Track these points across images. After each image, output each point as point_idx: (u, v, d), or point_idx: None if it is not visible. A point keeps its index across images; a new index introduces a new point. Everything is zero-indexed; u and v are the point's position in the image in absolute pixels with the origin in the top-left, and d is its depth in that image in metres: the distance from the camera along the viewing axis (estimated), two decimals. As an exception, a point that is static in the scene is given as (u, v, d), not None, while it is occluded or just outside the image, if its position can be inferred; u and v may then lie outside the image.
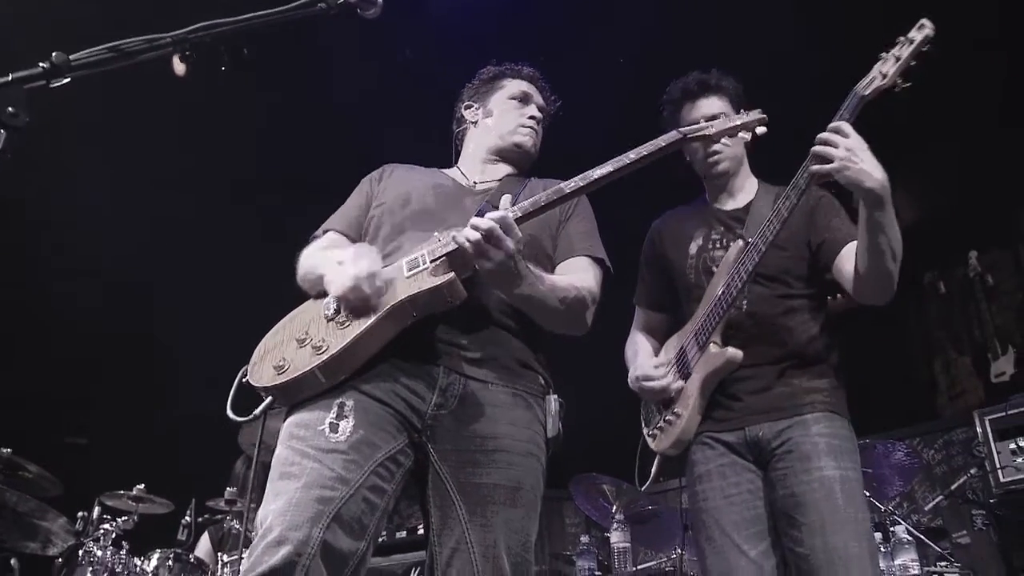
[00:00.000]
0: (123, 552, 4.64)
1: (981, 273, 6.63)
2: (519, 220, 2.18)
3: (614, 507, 5.34)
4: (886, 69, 2.50)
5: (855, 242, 2.57)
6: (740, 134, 2.43)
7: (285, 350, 2.19)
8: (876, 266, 2.47)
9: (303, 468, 2.01)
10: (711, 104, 2.90)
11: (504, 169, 2.67)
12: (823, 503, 2.47)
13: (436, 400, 2.18)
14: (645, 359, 2.97)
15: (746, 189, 2.95)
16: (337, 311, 2.17)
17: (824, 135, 2.41)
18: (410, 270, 2.19)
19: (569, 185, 2.29)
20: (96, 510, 4.80)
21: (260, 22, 2.07)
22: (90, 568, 4.47)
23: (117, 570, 4.53)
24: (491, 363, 2.27)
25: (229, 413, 2.24)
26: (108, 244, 6.24)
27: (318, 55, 5.52)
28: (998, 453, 4.51)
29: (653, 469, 2.94)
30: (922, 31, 2.49)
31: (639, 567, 5.33)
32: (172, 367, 6.68)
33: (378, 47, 5.59)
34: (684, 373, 2.79)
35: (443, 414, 2.19)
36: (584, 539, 5.38)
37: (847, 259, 2.62)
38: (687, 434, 2.75)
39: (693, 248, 2.90)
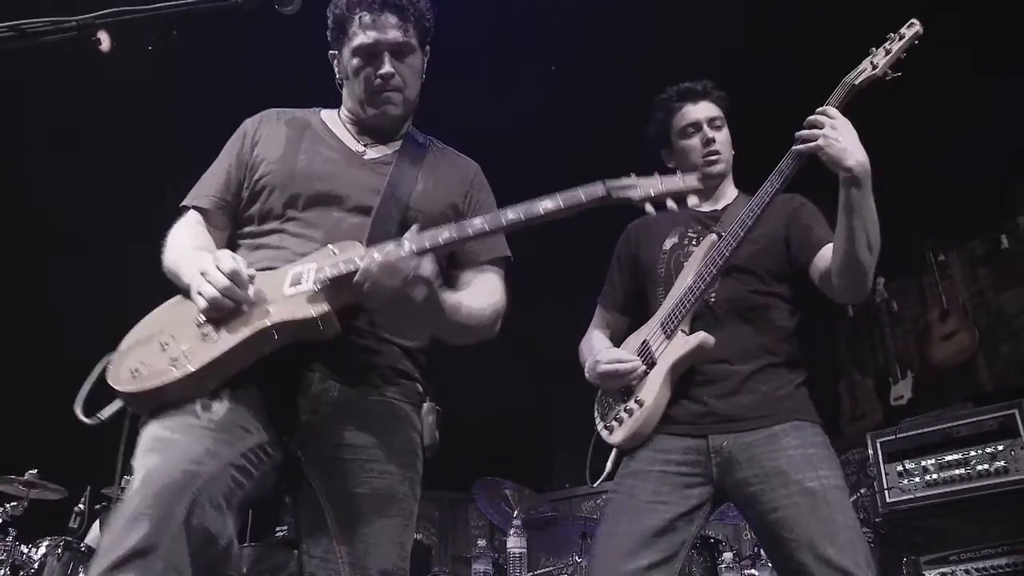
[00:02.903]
0: (9, 539, 4.52)
1: (887, 299, 6.83)
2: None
3: (515, 512, 5.38)
4: (877, 60, 2.56)
5: (832, 244, 2.60)
6: (668, 202, 2.06)
7: (147, 352, 2.01)
8: (850, 253, 2.47)
9: (169, 442, 1.86)
10: (712, 107, 2.92)
11: (387, 135, 2.42)
12: (809, 516, 2.41)
13: (308, 407, 2.07)
14: (605, 347, 2.92)
15: (727, 195, 2.97)
16: (204, 321, 2.02)
17: (811, 117, 2.48)
18: (291, 285, 2.04)
19: (475, 227, 2.04)
20: (-17, 494, 4.68)
21: (171, 12, 2.05)
22: (-28, 555, 4.36)
23: (1, 558, 4.41)
24: (367, 371, 2.17)
25: (76, 409, 2.04)
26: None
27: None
28: (886, 474, 4.66)
29: (609, 464, 2.81)
30: (912, 28, 2.57)
31: (535, 573, 5.38)
32: (76, 351, 6.52)
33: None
34: (648, 363, 2.72)
35: (316, 421, 2.08)
36: (481, 543, 5.41)
37: (823, 258, 2.64)
38: (648, 425, 2.66)
39: (668, 244, 2.90)
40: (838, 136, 2.41)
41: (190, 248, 2.20)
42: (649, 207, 2.07)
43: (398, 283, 1.95)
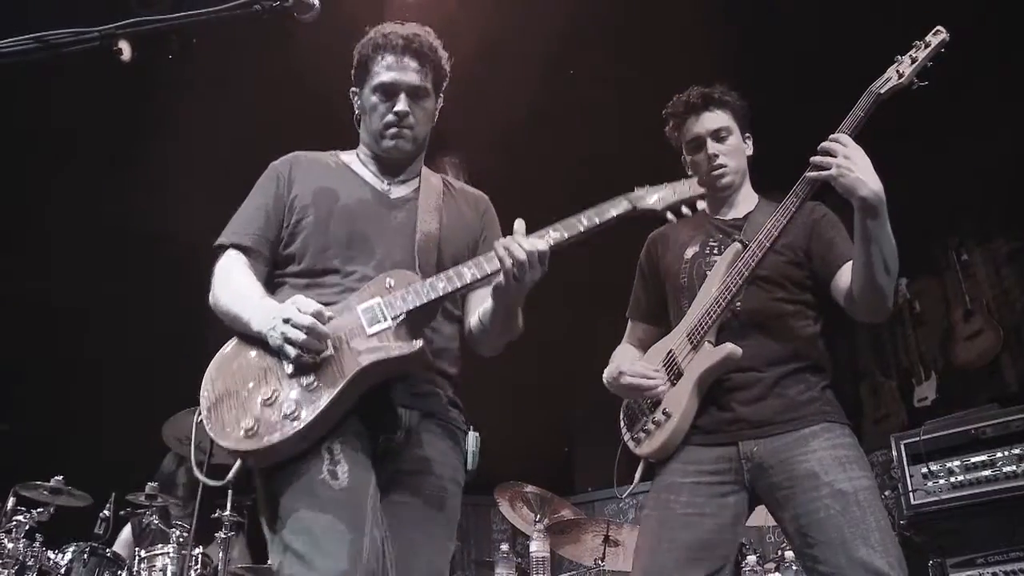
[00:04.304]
0: (36, 544, 4.56)
1: (909, 300, 6.78)
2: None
3: (537, 516, 5.38)
4: (903, 69, 2.54)
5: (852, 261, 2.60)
6: (683, 209, 2.39)
7: (249, 407, 2.12)
8: (869, 278, 2.48)
9: (322, 532, 2.01)
10: (716, 118, 2.90)
11: (404, 173, 2.59)
12: (840, 517, 2.42)
13: (387, 434, 2.25)
14: (632, 357, 2.94)
15: (746, 201, 2.96)
16: (298, 370, 2.14)
17: (825, 144, 2.46)
18: (371, 325, 2.18)
19: (572, 230, 2.29)
20: (10, 501, 4.71)
21: (192, 21, 2.07)
22: (-1, 561, 4.39)
23: (29, 563, 4.45)
24: (430, 398, 2.36)
25: (200, 476, 2.22)
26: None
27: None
28: (911, 476, 4.61)
29: (637, 475, 2.83)
30: (938, 36, 2.55)
31: (557, 577, 5.39)
32: (98, 360, 6.59)
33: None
34: (674, 374, 2.73)
35: (391, 446, 2.26)
36: (504, 547, 5.42)
37: (844, 276, 2.64)
38: (677, 437, 2.68)
39: (689, 253, 2.90)
40: (851, 166, 2.40)
41: (252, 295, 2.31)
42: (671, 215, 2.38)
43: (538, 273, 2.19)
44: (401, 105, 2.47)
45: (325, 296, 2.28)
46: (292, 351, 2.11)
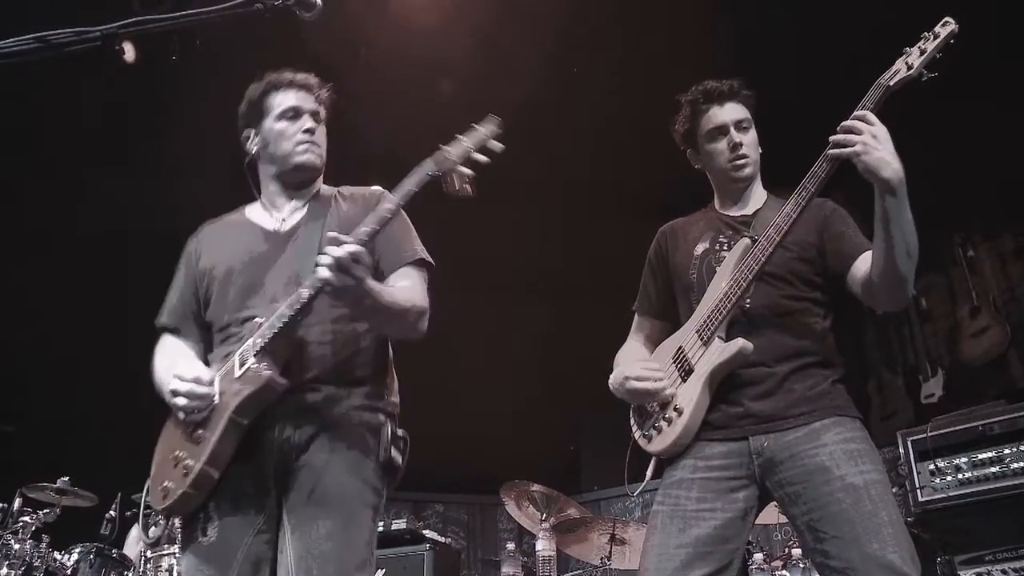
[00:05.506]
0: (43, 545, 4.58)
1: (916, 297, 6.76)
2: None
3: (544, 515, 5.37)
4: (912, 61, 2.49)
5: (870, 251, 2.55)
6: (478, 156, 2.46)
7: (168, 469, 2.43)
8: (890, 262, 2.44)
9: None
10: (740, 109, 2.88)
11: (300, 197, 2.75)
12: (852, 512, 2.39)
13: (276, 457, 2.41)
14: (632, 359, 2.92)
15: (756, 198, 2.92)
16: (193, 427, 2.40)
17: (848, 122, 2.42)
18: (240, 367, 2.38)
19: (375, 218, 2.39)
20: (17, 502, 4.72)
21: (193, 21, 2.06)
22: (6, 562, 4.41)
23: (35, 564, 4.47)
24: (322, 411, 2.47)
25: (141, 534, 2.45)
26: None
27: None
28: (918, 473, 4.60)
29: (648, 472, 2.81)
30: (947, 27, 2.49)
31: (564, 576, 5.38)
32: (102, 359, 6.60)
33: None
34: (685, 370, 2.70)
35: (283, 460, 2.42)
36: (510, 546, 5.42)
37: (861, 265, 2.61)
38: (688, 433, 2.64)
39: (699, 249, 2.87)
40: (877, 145, 2.35)
41: (167, 371, 2.52)
42: (466, 170, 2.44)
43: (355, 274, 2.26)
44: (310, 123, 2.70)
45: (231, 347, 2.49)
46: (182, 415, 2.42)
